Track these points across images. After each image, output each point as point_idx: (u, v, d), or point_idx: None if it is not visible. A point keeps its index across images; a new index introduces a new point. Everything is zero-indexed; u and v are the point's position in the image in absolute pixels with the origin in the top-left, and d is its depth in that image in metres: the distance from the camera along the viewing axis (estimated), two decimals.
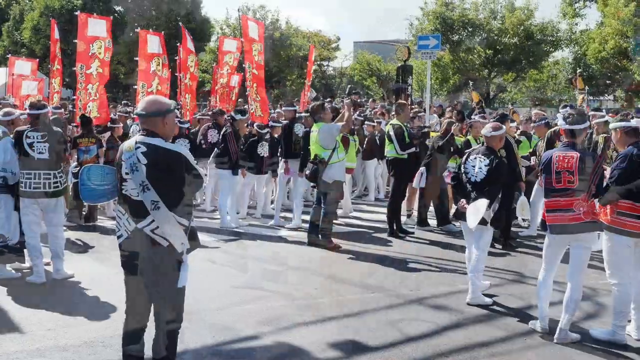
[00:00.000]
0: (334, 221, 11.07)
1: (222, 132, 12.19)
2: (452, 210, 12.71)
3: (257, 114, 13.67)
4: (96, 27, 13.43)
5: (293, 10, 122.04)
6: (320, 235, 10.41)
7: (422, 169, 11.80)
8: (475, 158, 7.46)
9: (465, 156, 7.70)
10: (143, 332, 4.89)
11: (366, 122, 15.23)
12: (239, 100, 19.17)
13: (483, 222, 6.93)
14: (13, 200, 8.16)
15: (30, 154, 7.96)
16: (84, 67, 13.22)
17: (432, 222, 12.37)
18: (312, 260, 9.62)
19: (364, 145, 14.77)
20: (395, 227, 11.50)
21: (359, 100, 22.27)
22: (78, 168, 10.00)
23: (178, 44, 16.68)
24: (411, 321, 7.00)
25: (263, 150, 12.46)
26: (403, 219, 12.01)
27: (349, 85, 13.49)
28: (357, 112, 15.72)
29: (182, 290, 4.78)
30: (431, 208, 12.45)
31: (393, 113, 16.66)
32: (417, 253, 10.26)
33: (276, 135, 12.84)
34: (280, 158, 12.87)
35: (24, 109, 10.28)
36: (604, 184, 6.37)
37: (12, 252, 8.26)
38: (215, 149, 12.23)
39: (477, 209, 6.98)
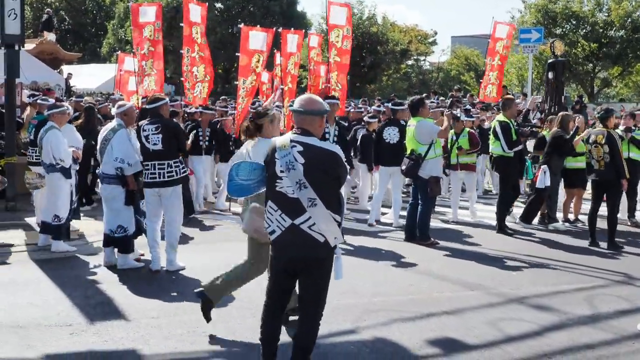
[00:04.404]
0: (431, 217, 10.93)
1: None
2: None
3: None
4: (195, 13, 14.23)
5: (389, 6, 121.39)
6: (417, 231, 10.32)
7: (544, 167, 11.45)
8: None
9: None
10: (281, 322, 5.12)
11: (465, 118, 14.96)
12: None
13: None
14: (125, 192, 8.44)
15: (146, 146, 8.26)
16: (190, 51, 14.00)
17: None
18: (409, 257, 9.51)
19: None
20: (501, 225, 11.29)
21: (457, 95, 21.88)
22: None
23: (275, 51, 16.78)
24: (512, 320, 6.83)
25: None
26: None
27: (450, 94, 13.05)
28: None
29: (328, 284, 4.95)
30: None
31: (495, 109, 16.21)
32: (517, 251, 9.99)
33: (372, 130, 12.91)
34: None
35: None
36: None
37: (130, 243, 8.59)
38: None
39: None
